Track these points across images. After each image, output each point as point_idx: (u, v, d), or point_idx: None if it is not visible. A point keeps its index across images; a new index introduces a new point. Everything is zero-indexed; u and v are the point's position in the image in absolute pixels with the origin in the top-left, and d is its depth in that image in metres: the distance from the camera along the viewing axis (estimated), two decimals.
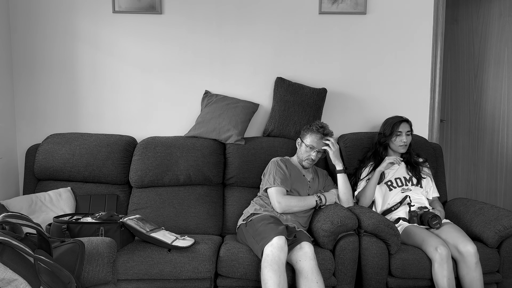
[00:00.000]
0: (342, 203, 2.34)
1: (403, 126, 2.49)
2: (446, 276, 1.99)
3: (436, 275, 2.02)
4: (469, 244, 2.04)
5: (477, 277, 2.01)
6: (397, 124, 2.48)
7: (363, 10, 2.83)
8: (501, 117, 3.38)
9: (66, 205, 2.40)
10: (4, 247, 1.28)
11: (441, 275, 2.00)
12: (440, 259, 2.00)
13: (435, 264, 2.02)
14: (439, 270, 2.01)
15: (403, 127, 2.49)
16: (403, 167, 2.51)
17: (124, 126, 2.85)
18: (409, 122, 2.53)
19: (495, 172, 3.42)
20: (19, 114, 2.81)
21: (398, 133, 2.48)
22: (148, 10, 2.78)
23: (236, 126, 2.66)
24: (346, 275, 2.08)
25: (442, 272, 2.00)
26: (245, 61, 2.86)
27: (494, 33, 3.39)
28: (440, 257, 2.00)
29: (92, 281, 1.59)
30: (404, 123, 2.51)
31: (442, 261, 2.00)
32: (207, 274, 1.96)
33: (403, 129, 2.48)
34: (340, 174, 2.34)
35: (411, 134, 2.51)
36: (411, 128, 2.53)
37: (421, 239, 2.12)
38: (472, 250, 2.01)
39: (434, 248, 2.03)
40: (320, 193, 2.33)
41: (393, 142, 2.49)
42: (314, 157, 2.34)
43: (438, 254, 2.01)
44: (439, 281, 2.01)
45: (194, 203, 2.47)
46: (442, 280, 2.00)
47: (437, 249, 2.01)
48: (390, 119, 2.56)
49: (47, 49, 2.79)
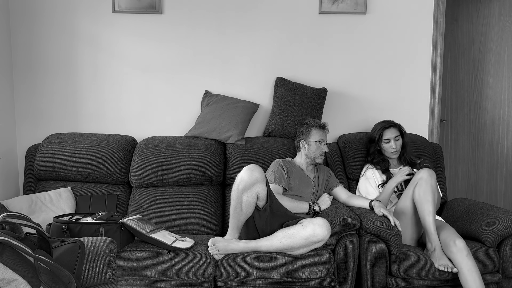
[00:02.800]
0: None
1: (390, 132, 2.47)
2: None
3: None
4: (458, 239, 2.05)
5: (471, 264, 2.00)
6: (382, 131, 2.47)
7: (363, 10, 2.83)
8: (501, 117, 3.38)
9: (66, 205, 2.39)
10: (4, 247, 1.28)
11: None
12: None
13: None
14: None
15: (390, 133, 2.47)
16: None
17: (124, 126, 2.85)
18: (397, 125, 2.51)
19: (495, 172, 3.42)
20: (19, 114, 2.81)
21: (385, 140, 2.47)
22: (148, 10, 2.78)
23: (237, 126, 2.66)
24: (346, 275, 2.08)
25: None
26: (245, 61, 2.86)
27: (494, 33, 3.39)
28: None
29: (92, 281, 1.59)
30: (391, 128, 2.48)
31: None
32: (206, 277, 1.95)
33: (390, 136, 2.46)
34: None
35: (401, 138, 2.50)
36: (401, 131, 2.51)
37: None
38: (461, 244, 2.02)
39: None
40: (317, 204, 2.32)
41: (384, 149, 2.49)
42: (327, 149, 2.41)
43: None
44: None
45: (194, 203, 2.47)
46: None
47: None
48: (378, 124, 2.55)
49: (47, 49, 2.79)
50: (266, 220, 2.04)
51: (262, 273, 1.98)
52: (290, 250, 1.98)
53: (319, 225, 1.94)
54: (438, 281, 2.09)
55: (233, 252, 2.00)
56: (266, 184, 2.01)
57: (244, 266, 1.98)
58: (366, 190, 2.46)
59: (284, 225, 2.05)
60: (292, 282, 2.02)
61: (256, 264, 1.98)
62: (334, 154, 2.72)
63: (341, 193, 2.42)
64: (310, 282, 2.03)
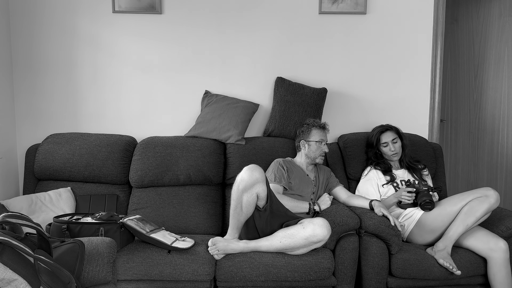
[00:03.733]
0: None
1: (387, 135, 2.49)
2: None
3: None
4: (500, 241, 2.03)
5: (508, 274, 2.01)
6: (379, 135, 2.50)
7: (363, 10, 2.83)
8: (501, 117, 3.38)
9: (66, 205, 2.39)
10: (4, 247, 1.28)
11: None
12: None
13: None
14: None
15: (387, 137, 2.49)
16: (406, 172, 2.50)
17: (124, 126, 2.85)
18: (394, 129, 2.53)
19: (495, 172, 3.42)
20: (19, 114, 2.81)
21: (383, 144, 2.48)
22: (148, 10, 2.78)
23: (237, 126, 2.66)
24: (346, 275, 2.08)
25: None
26: (245, 61, 2.86)
27: (494, 33, 3.39)
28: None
29: (92, 281, 1.59)
30: (388, 132, 2.50)
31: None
32: (206, 277, 1.95)
33: (387, 139, 2.48)
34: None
35: (399, 140, 2.50)
36: (399, 133, 2.52)
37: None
38: (504, 246, 2.01)
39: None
40: (317, 204, 2.32)
41: (383, 153, 2.50)
42: (327, 149, 2.41)
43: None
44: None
45: (194, 203, 2.47)
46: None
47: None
48: (375, 128, 2.58)
49: (47, 49, 2.79)
50: (266, 220, 2.04)
51: (262, 273, 1.98)
52: (290, 250, 1.98)
53: (319, 225, 1.94)
54: (438, 281, 2.10)
55: (233, 252, 2.00)
56: (266, 184, 2.01)
57: (244, 266, 1.98)
58: (366, 191, 2.45)
59: (284, 225, 2.05)
60: (292, 282, 2.02)
61: (256, 264, 1.98)
62: (334, 154, 2.72)
63: (341, 193, 2.43)
64: (310, 282, 2.03)
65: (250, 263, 1.98)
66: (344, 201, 2.39)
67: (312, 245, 1.98)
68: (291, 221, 2.07)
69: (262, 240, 2.02)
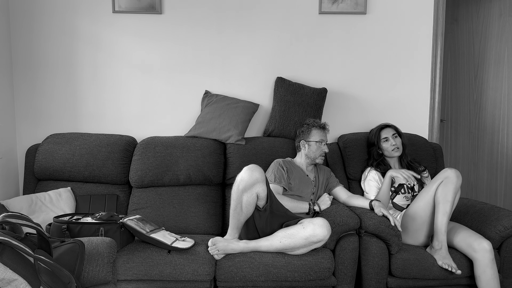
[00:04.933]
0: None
1: (386, 131, 2.52)
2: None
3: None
4: (484, 241, 2.02)
5: (493, 275, 2.00)
6: (379, 131, 2.52)
7: (363, 10, 2.83)
8: (501, 117, 3.38)
9: (66, 205, 2.39)
10: (4, 247, 1.28)
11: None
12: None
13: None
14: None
15: (387, 132, 2.52)
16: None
17: (124, 126, 2.85)
18: (392, 126, 2.55)
19: (495, 172, 3.42)
20: (19, 114, 2.81)
21: (384, 139, 2.49)
22: (148, 10, 2.78)
23: (237, 126, 2.66)
24: (346, 275, 2.08)
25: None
26: (245, 61, 2.86)
27: (494, 33, 3.39)
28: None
29: (92, 281, 1.59)
30: (387, 128, 2.54)
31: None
32: (206, 277, 1.95)
33: (387, 134, 2.51)
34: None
35: (399, 136, 2.52)
36: (398, 130, 2.54)
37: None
38: (488, 247, 2.00)
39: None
40: (317, 204, 2.32)
41: (384, 149, 2.50)
42: (327, 149, 2.41)
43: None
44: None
45: (194, 203, 2.47)
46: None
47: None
48: (374, 128, 2.61)
49: (47, 49, 2.79)
50: (266, 220, 2.04)
51: (262, 273, 1.98)
52: (290, 250, 1.98)
53: (319, 225, 1.94)
54: (438, 281, 2.09)
55: (233, 252, 2.00)
56: (266, 184, 2.01)
57: (244, 266, 1.98)
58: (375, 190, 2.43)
59: (284, 225, 2.05)
60: (292, 282, 2.02)
61: (256, 264, 1.98)
62: (334, 154, 2.72)
63: (341, 193, 2.43)
64: (310, 282, 2.03)
65: (250, 263, 1.98)
66: (344, 201, 2.39)
67: (312, 245, 1.97)
68: (291, 221, 2.07)
69: (262, 240, 2.02)
